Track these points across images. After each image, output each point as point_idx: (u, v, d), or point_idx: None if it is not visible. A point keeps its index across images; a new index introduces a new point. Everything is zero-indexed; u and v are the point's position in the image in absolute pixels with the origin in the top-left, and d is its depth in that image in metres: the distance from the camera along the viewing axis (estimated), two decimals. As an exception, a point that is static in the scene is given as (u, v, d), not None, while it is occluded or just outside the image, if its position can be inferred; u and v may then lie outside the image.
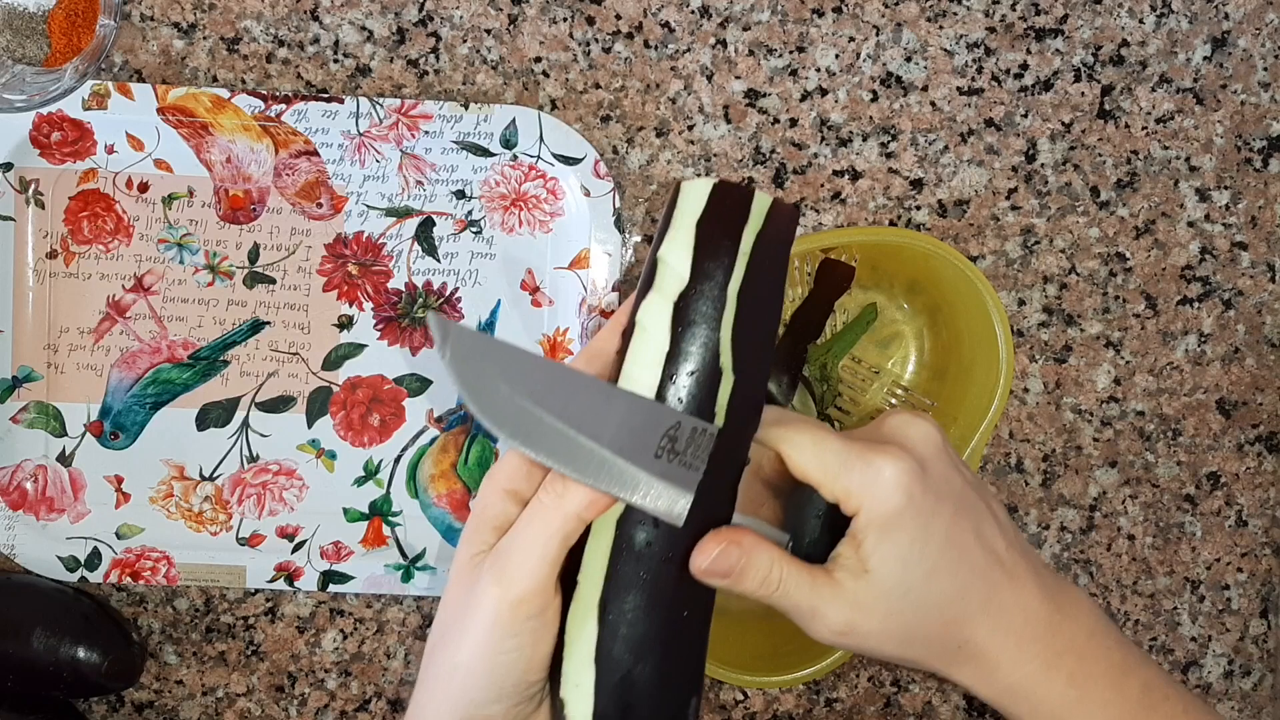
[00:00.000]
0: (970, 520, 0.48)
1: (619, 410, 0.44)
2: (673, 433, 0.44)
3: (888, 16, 0.67)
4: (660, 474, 0.44)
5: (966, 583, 0.48)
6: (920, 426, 0.48)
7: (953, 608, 0.48)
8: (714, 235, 0.46)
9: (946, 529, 0.47)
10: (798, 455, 0.47)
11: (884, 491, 0.46)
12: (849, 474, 0.46)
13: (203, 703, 0.68)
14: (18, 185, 0.64)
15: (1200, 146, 0.69)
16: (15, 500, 0.65)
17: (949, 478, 0.48)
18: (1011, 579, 0.49)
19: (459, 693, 0.45)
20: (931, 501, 0.47)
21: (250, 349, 0.66)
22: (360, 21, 0.65)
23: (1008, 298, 0.69)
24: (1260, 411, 0.71)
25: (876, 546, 0.46)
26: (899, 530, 0.46)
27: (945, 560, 0.47)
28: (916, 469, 0.46)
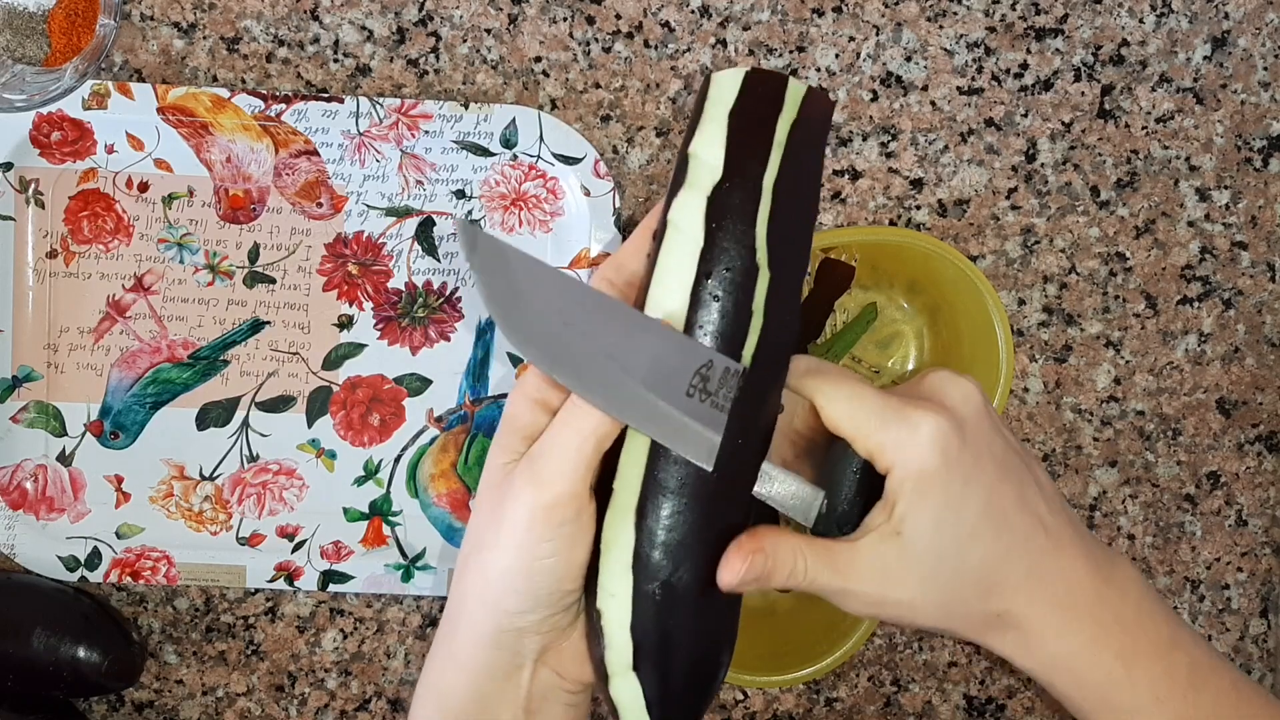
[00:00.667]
0: (1013, 484, 0.46)
1: (652, 343, 0.42)
2: (705, 371, 0.42)
3: (888, 16, 0.67)
4: (691, 413, 0.42)
5: (1008, 548, 0.45)
6: (961, 385, 0.46)
7: (992, 575, 0.45)
8: (748, 126, 0.44)
9: (987, 492, 0.45)
10: (831, 407, 0.45)
11: (919, 450, 0.44)
12: (884, 430, 0.44)
13: (203, 702, 0.68)
14: (18, 185, 0.64)
15: (1200, 146, 0.69)
16: (15, 500, 0.65)
17: (990, 439, 0.46)
18: (1057, 546, 0.46)
19: (494, 602, 0.44)
20: (970, 462, 0.44)
21: (250, 349, 0.66)
22: (360, 21, 0.65)
23: (1008, 297, 0.69)
24: (1260, 411, 0.71)
25: (910, 508, 0.44)
26: (934, 491, 0.44)
27: (985, 525, 0.45)
28: (955, 427, 0.44)
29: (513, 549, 0.43)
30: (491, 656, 0.45)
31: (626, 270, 0.46)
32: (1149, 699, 0.47)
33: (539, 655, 0.46)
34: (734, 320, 0.43)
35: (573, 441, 0.43)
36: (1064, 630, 0.46)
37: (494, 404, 0.67)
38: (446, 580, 0.66)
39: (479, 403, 0.67)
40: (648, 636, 0.44)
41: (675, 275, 0.44)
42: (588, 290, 0.43)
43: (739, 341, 0.44)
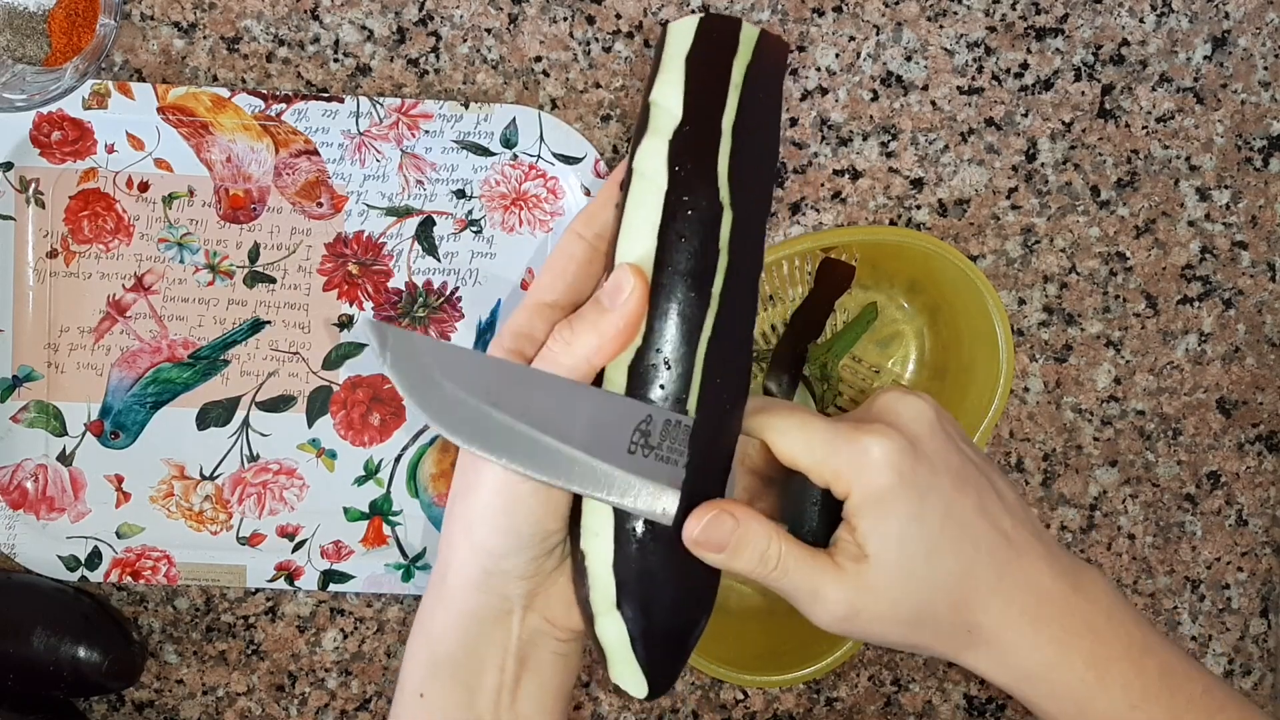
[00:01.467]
0: (972, 496, 0.46)
1: (585, 406, 0.43)
2: (644, 426, 0.43)
3: (888, 16, 0.67)
4: (637, 470, 0.43)
5: (972, 560, 0.46)
6: (910, 402, 0.46)
7: (959, 588, 0.46)
8: (704, 69, 0.45)
9: (945, 505, 0.45)
10: (782, 441, 0.45)
11: (872, 470, 0.44)
12: (836, 456, 0.44)
13: (203, 702, 0.68)
14: (18, 185, 0.64)
15: (1200, 146, 0.69)
16: (15, 499, 0.65)
17: (945, 453, 0.46)
18: (1021, 556, 0.46)
19: (479, 543, 0.45)
20: (925, 477, 0.45)
21: (250, 348, 0.66)
22: (360, 21, 0.65)
23: (1008, 297, 0.69)
24: (1260, 411, 0.71)
25: (872, 528, 0.44)
26: (892, 510, 0.44)
27: (946, 538, 0.45)
28: (906, 445, 0.45)
29: (492, 487, 0.44)
30: (479, 600, 0.45)
31: (596, 221, 0.47)
32: (1123, 705, 0.47)
33: (527, 601, 0.46)
34: (701, 258, 0.44)
35: None
36: (1035, 640, 0.46)
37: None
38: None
39: (479, 402, 0.67)
40: (630, 574, 0.44)
41: (642, 219, 0.44)
42: (513, 367, 0.44)
43: (708, 280, 0.44)
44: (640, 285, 0.44)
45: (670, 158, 0.44)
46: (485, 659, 0.46)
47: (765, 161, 0.47)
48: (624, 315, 0.43)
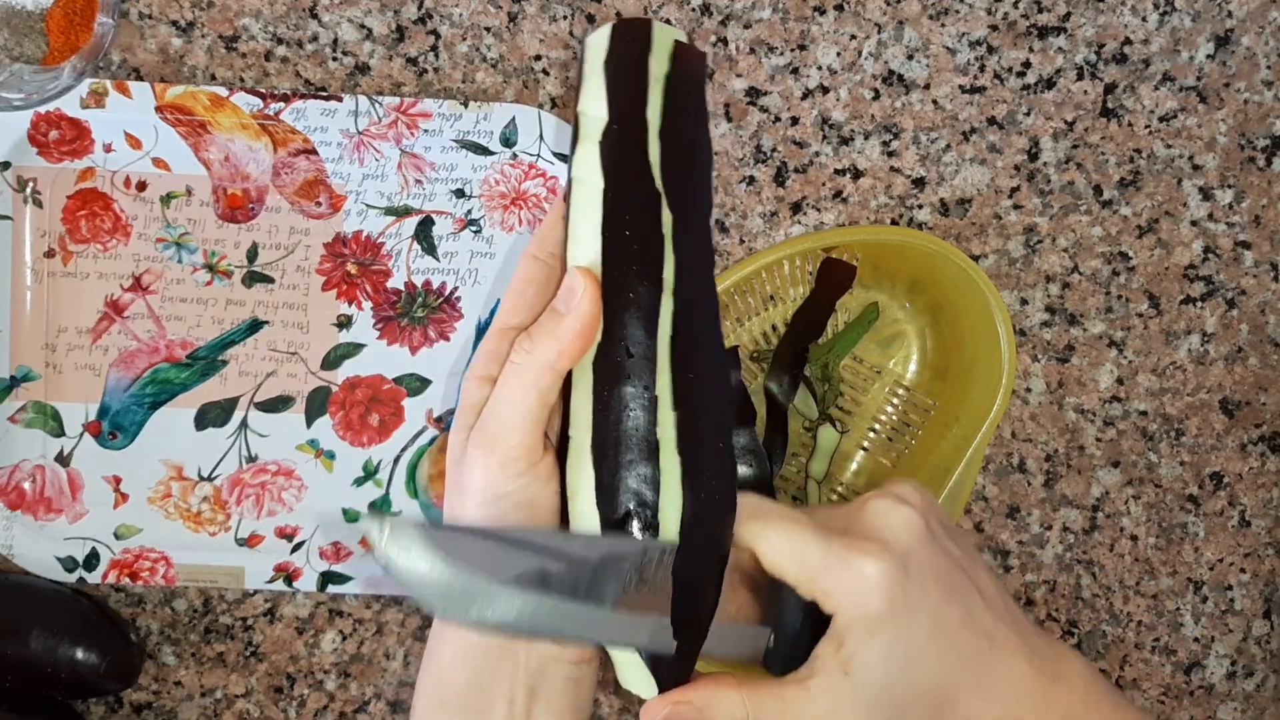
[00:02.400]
0: (958, 606, 0.47)
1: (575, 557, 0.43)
2: (638, 562, 0.43)
3: (889, 14, 0.67)
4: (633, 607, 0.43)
5: (954, 669, 0.46)
6: (901, 515, 0.47)
7: (940, 693, 0.46)
8: (622, 69, 0.47)
9: (932, 620, 0.46)
10: (773, 554, 0.45)
11: (864, 594, 0.44)
12: (827, 575, 0.45)
13: (201, 704, 0.68)
14: (15, 184, 0.63)
15: (1203, 145, 0.69)
16: (13, 500, 0.65)
17: (934, 564, 0.46)
18: (999, 654, 0.47)
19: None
20: (916, 596, 0.45)
21: (249, 349, 0.65)
22: (359, 19, 0.65)
23: (1010, 297, 0.69)
24: (1263, 411, 0.70)
25: (858, 647, 0.45)
26: (881, 632, 0.45)
27: (931, 651, 0.46)
28: (899, 567, 0.45)
29: (477, 510, 0.45)
30: None
31: (549, 241, 0.48)
32: None
33: None
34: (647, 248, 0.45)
35: (515, 395, 0.44)
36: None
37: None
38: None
39: (479, 403, 0.67)
40: None
41: (585, 222, 0.46)
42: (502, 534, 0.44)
43: (657, 267, 0.45)
44: (591, 285, 0.45)
45: (603, 158, 0.46)
46: (494, 692, 0.46)
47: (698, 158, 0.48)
48: (579, 317, 0.44)
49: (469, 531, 0.43)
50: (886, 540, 0.46)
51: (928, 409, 0.68)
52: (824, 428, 0.68)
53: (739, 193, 0.67)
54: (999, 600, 0.48)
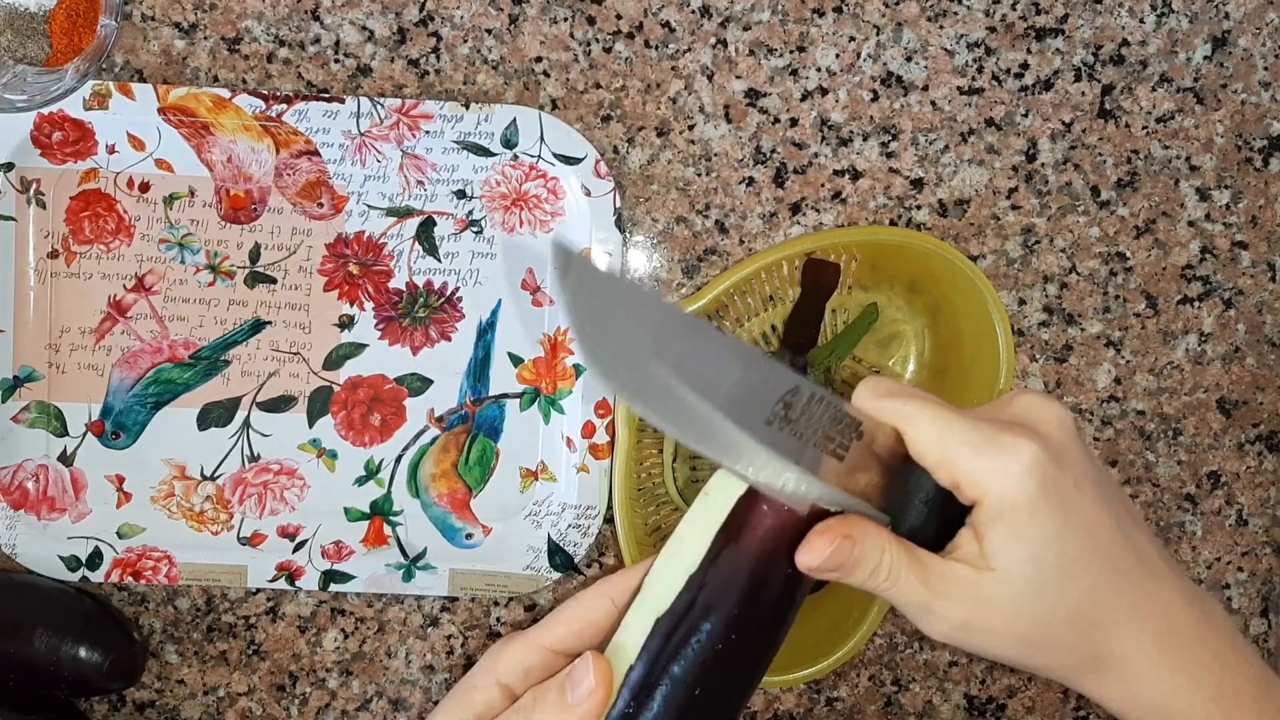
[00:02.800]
0: (1110, 513, 0.42)
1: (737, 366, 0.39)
2: (789, 398, 0.39)
3: (888, 16, 0.67)
4: (772, 443, 0.39)
5: (1109, 584, 0.42)
6: (1054, 408, 0.43)
7: (1091, 611, 0.42)
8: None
9: (1086, 524, 0.42)
10: (918, 434, 0.42)
11: (1015, 480, 0.40)
12: (977, 457, 0.41)
13: (204, 702, 0.68)
14: (19, 185, 0.64)
15: (1201, 146, 0.69)
16: (17, 500, 0.65)
17: (1086, 466, 0.43)
18: (1155, 580, 0.43)
19: None
20: (1070, 490, 0.41)
21: (251, 349, 0.66)
22: (361, 21, 0.65)
23: (1008, 297, 0.69)
24: (1261, 411, 0.71)
25: (1005, 542, 0.41)
26: (1032, 524, 0.41)
27: (1086, 559, 0.42)
28: (1051, 455, 0.41)
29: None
30: None
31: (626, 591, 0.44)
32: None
33: None
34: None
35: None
36: (1165, 669, 0.43)
37: (495, 404, 0.67)
38: (447, 580, 0.66)
39: (480, 403, 0.67)
40: None
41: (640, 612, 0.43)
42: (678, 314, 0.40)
43: None
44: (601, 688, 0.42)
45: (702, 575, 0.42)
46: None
47: None
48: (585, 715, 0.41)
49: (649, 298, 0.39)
50: (1038, 430, 0.42)
51: (926, 408, 0.68)
52: (823, 427, 0.68)
53: (738, 194, 0.67)
54: (1146, 525, 0.45)
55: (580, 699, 0.42)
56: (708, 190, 0.67)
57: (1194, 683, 0.43)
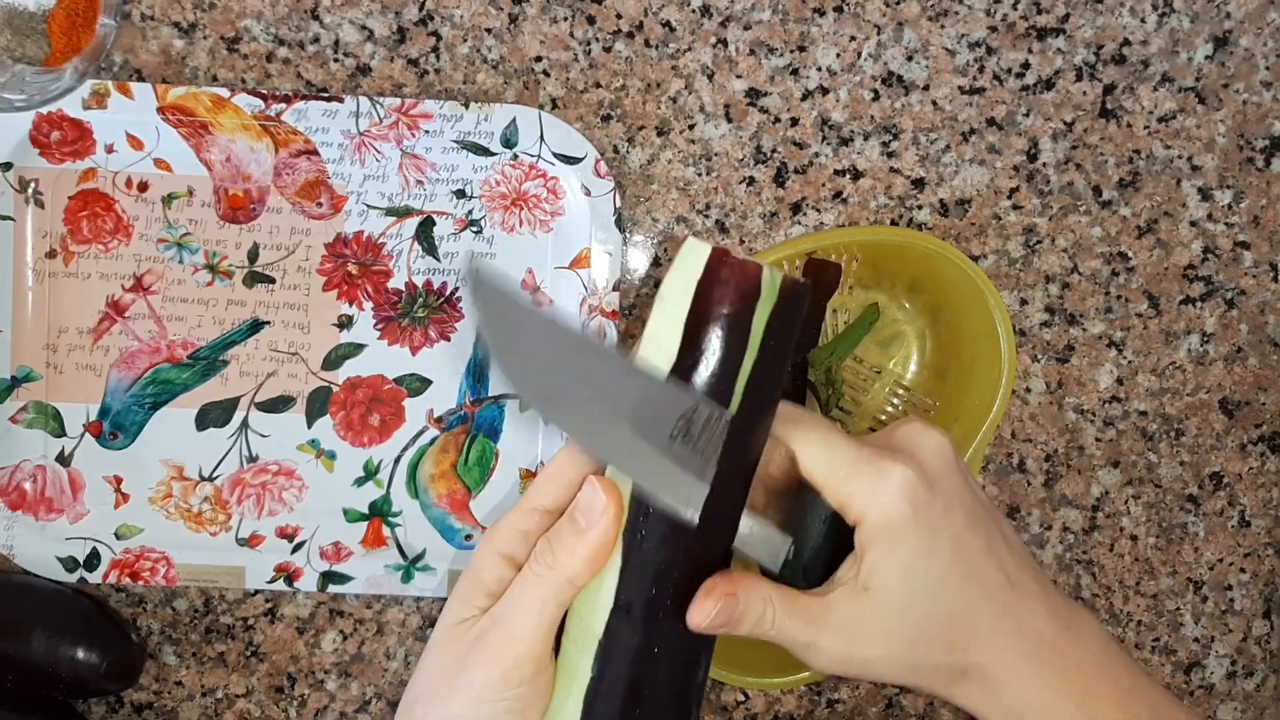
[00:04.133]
0: (980, 534, 0.46)
1: (639, 386, 0.43)
2: (689, 414, 0.43)
3: (889, 15, 0.67)
4: (674, 457, 0.43)
5: (974, 600, 0.46)
6: (933, 437, 0.47)
7: (958, 626, 0.46)
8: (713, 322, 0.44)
9: (955, 542, 0.45)
10: (806, 454, 0.46)
11: (888, 499, 0.45)
12: (856, 479, 0.45)
13: (202, 704, 0.68)
14: (17, 185, 0.64)
15: (1202, 146, 0.69)
16: (14, 500, 0.65)
17: (960, 490, 0.47)
18: (1021, 597, 0.47)
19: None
20: (940, 512, 0.45)
21: (250, 349, 0.66)
22: (360, 21, 0.65)
23: (1009, 297, 0.69)
24: (1263, 411, 0.70)
25: (879, 560, 0.45)
26: (903, 541, 0.45)
27: (953, 575, 0.45)
28: (924, 479, 0.45)
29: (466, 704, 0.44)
30: None
31: None
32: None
33: None
34: None
35: (534, 605, 0.44)
36: (1028, 680, 0.47)
37: (494, 404, 0.67)
38: (447, 581, 0.66)
39: (479, 403, 0.67)
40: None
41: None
42: (580, 333, 0.44)
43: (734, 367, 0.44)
44: (613, 504, 0.44)
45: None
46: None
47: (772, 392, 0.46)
48: (600, 536, 0.44)
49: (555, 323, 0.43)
50: (916, 456, 0.46)
51: (928, 409, 0.68)
52: (824, 428, 0.68)
53: (739, 193, 0.67)
54: (1020, 548, 0.49)
55: (595, 519, 0.44)
56: (708, 190, 0.67)
57: (1054, 691, 0.47)
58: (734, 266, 0.44)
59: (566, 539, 0.45)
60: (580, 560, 0.44)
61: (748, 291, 0.44)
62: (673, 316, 0.44)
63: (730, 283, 0.44)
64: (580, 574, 0.44)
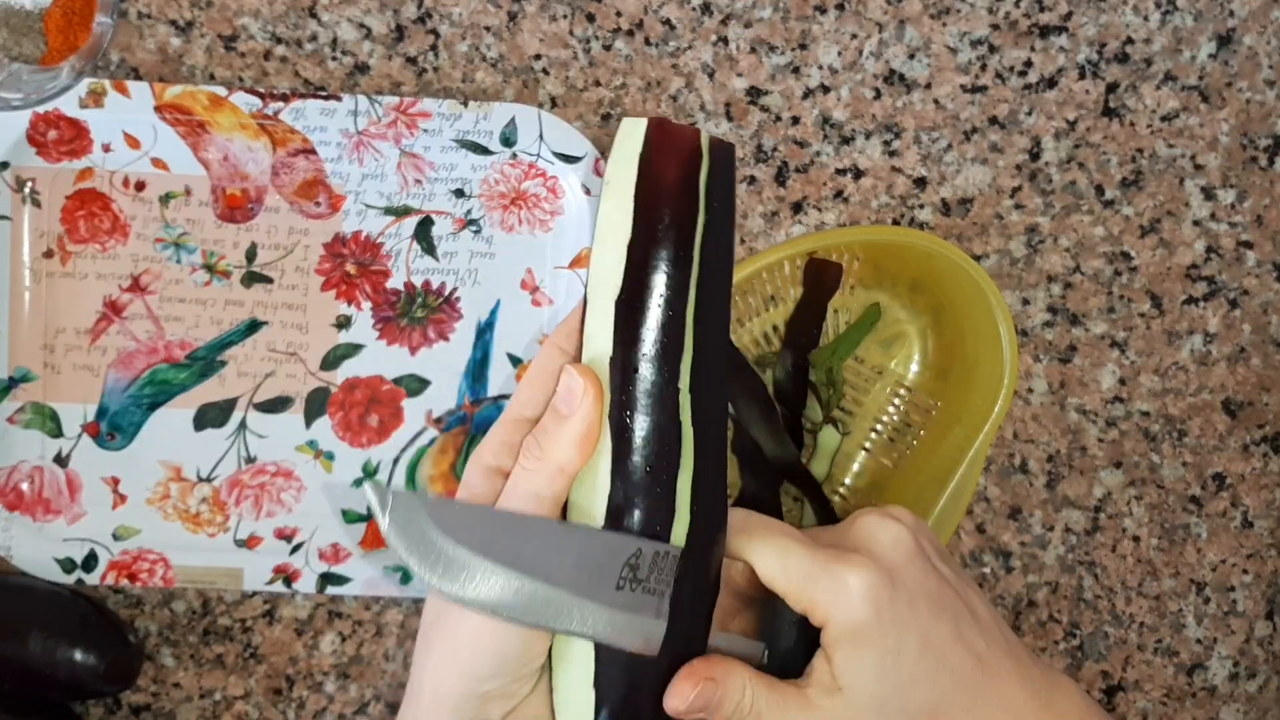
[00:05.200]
0: (948, 622, 0.47)
1: (574, 547, 0.43)
2: (633, 560, 0.43)
3: (890, 13, 0.66)
4: (625, 605, 0.43)
5: (946, 689, 0.46)
6: (890, 529, 0.47)
7: (932, 715, 0.46)
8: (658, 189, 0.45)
9: (922, 635, 0.46)
10: (763, 565, 0.46)
11: (850, 604, 0.45)
12: (814, 586, 0.45)
13: (200, 705, 0.67)
14: (14, 184, 0.63)
15: (1205, 145, 0.69)
16: (11, 501, 0.64)
17: (923, 580, 0.47)
18: (994, 678, 0.47)
19: (463, 665, 0.45)
20: (904, 608, 0.45)
21: (248, 349, 0.65)
22: (358, 19, 0.65)
23: (1012, 297, 0.69)
24: (1266, 412, 0.70)
25: (847, 661, 0.45)
26: (869, 644, 0.45)
27: (922, 668, 0.46)
28: (884, 578, 0.45)
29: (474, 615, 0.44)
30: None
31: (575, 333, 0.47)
32: None
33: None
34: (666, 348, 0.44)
35: (529, 501, 0.44)
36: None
37: (493, 405, 0.67)
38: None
39: (478, 404, 0.67)
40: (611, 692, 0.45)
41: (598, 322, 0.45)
42: (502, 516, 0.44)
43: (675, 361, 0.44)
44: (591, 386, 0.44)
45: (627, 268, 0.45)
46: None
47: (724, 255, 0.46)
48: (584, 419, 0.44)
49: (470, 509, 0.43)
50: (874, 552, 0.46)
51: (929, 409, 0.68)
52: (825, 429, 0.68)
53: (740, 193, 0.67)
54: (991, 622, 0.49)
55: (576, 405, 0.44)
56: (708, 189, 0.67)
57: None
58: (674, 132, 0.45)
59: (551, 429, 0.44)
60: (567, 446, 0.44)
61: (692, 154, 0.44)
62: (622, 194, 0.44)
63: (674, 147, 0.44)
64: (571, 460, 0.44)
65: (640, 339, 0.44)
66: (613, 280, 0.45)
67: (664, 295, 0.44)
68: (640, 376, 0.44)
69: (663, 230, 0.44)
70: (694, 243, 0.44)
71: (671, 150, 0.44)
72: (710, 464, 0.45)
